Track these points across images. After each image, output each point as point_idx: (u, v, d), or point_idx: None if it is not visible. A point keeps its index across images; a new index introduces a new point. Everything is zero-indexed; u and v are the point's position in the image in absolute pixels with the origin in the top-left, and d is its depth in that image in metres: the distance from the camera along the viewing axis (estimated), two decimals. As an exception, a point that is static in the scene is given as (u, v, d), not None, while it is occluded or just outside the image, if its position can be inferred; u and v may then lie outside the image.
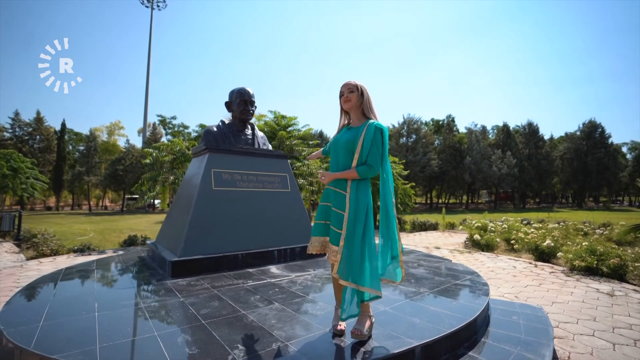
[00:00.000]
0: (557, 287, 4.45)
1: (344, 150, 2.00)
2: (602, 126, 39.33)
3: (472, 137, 38.07)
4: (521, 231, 7.75)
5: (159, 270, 3.71)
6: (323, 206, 2.09)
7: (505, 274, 5.14)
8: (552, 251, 6.11)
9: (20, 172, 14.29)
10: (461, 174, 36.28)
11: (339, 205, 1.96)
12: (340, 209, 1.94)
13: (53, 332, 2.03)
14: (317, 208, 2.16)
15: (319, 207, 2.12)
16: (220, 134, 4.68)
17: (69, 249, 7.34)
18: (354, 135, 1.98)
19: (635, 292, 4.23)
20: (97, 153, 37.29)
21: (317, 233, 2.07)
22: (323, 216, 2.07)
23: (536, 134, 39.68)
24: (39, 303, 2.60)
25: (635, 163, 40.90)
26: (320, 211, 2.09)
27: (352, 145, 1.96)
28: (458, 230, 12.40)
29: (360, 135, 1.95)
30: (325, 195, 2.10)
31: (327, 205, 2.07)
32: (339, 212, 1.94)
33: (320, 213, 2.09)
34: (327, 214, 2.05)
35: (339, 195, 1.98)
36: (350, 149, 1.97)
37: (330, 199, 2.03)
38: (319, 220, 2.08)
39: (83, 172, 35.55)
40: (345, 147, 1.98)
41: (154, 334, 1.99)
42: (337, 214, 1.95)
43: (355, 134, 1.97)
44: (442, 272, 3.72)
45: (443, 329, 2.08)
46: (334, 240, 1.95)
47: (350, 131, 2.03)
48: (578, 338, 2.82)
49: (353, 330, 1.91)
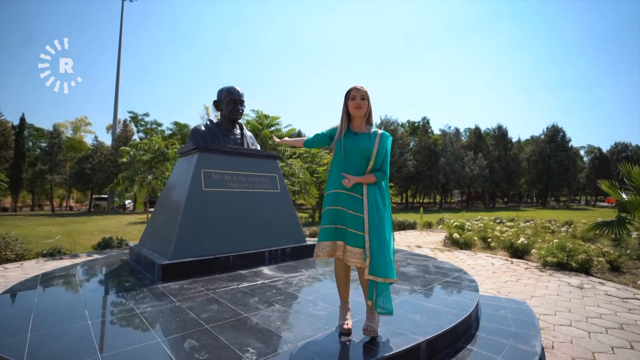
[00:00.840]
0: (534, 281, 4.74)
1: (359, 155, 2.07)
2: (563, 130, 42.14)
3: (446, 139, 39.51)
4: (496, 230, 8.16)
5: (146, 274, 3.58)
6: (332, 210, 2.08)
7: (485, 271, 5.41)
8: (525, 248, 6.50)
9: (-24, 171, 13.13)
10: (436, 174, 37.55)
11: (356, 208, 2.00)
12: (359, 212, 1.98)
13: (45, 343, 1.91)
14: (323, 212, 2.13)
15: (328, 212, 2.09)
16: (209, 133, 4.58)
17: (37, 253, 6.86)
18: (367, 142, 2.08)
19: (601, 285, 4.59)
20: (62, 150, 34.95)
21: (327, 237, 2.06)
22: (333, 220, 2.06)
23: (505, 136, 41.81)
24: (20, 312, 2.43)
25: (591, 165, 44.23)
26: (330, 215, 2.07)
27: (368, 152, 2.07)
28: (436, 229, 12.84)
29: (374, 143, 2.07)
30: (333, 199, 2.08)
31: (337, 209, 2.06)
32: (358, 215, 1.98)
33: (329, 217, 2.07)
34: (338, 218, 2.05)
35: (354, 199, 2.01)
36: (366, 156, 2.07)
37: (343, 203, 2.04)
38: (329, 225, 2.07)
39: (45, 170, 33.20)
40: (361, 153, 2.07)
41: (157, 341, 1.93)
42: (355, 217, 1.98)
43: (368, 141, 2.08)
44: (431, 270, 3.85)
45: (444, 325, 2.17)
46: (355, 243, 1.97)
47: (360, 137, 2.09)
48: (558, 328, 3.03)
49: (366, 327, 1.96)
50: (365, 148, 2.07)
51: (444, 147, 38.93)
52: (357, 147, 2.06)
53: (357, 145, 2.07)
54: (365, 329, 1.96)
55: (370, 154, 2.07)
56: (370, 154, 2.07)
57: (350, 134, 2.12)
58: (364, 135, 2.10)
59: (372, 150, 2.07)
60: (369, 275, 1.94)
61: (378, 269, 1.93)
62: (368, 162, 2.07)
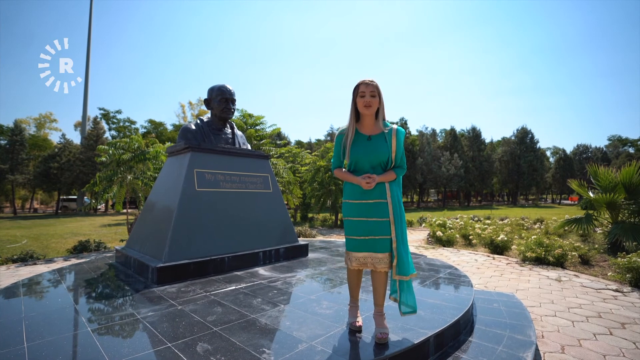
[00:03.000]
0: (516, 276, 5.00)
1: (377, 161, 2.00)
2: (532, 132, 44.57)
3: (424, 140, 40.64)
4: (477, 227, 8.51)
5: (138, 278, 3.45)
6: (357, 222, 1.99)
7: (470, 267, 5.63)
8: (505, 245, 6.83)
9: None
10: (413, 174, 38.52)
11: (381, 214, 1.95)
12: (384, 217, 1.95)
13: (46, 354, 1.81)
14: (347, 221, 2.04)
15: (352, 223, 2.01)
16: (200, 133, 4.47)
17: (7, 258, 6.42)
18: (383, 145, 1.99)
19: (576, 277, 4.92)
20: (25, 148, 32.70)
21: (361, 249, 1.98)
22: (362, 231, 1.97)
23: (479, 137, 43.61)
24: (9, 322, 2.28)
25: (557, 165, 47.06)
26: (356, 226, 1.99)
27: (386, 156, 1.99)
28: (417, 228, 13.19)
29: (391, 141, 2.00)
30: (356, 210, 1.99)
31: (362, 220, 1.97)
32: (384, 220, 1.95)
33: (356, 228, 1.99)
34: (368, 229, 1.96)
35: (378, 205, 1.96)
36: (384, 160, 2.00)
37: (368, 213, 1.96)
38: (359, 236, 1.98)
39: (6, 169, 30.94)
40: (379, 158, 1.99)
41: (167, 345, 1.88)
42: (381, 223, 1.95)
43: (384, 144, 2.00)
44: (423, 267, 3.97)
45: (448, 319, 2.26)
46: (383, 249, 1.95)
47: (375, 142, 2.00)
48: (545, 319, 3.23)
49: (380, 335, 1.91)
50: (383, 152, 1.98)
51: (421, 148, 40.01)
52: (372, 154, 1.97)
53: (373, 151, 1.97)
54: (380, 337, 1.90)
55: (387, 158, 1.99)
56: (388, 158, 1.99)
57: (363, 139, 2.01)
58: (379, 138, 2.00)
59: (390, 153, 1.99)
60: (397, 275, 1.95)
61: (405, 268, 1.94)
62: (387, 166, 2.02)
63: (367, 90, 1.94)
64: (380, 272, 2.02)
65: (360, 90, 1.96)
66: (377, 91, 1.97)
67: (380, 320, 2.03)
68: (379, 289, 2.05)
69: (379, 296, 2.06)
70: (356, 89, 1.99)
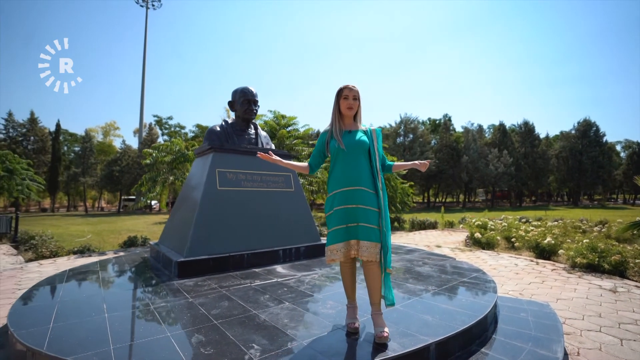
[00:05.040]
0: (560, 283, 4.48)
1: (360, 149, 2.08)
2: (596, 125, 39.69)
3: (469, 136, 38.29)
4: (521, 229, 7.80)
5: (164, 271, 3.69)
6: (342, 210, 2.00)
7: (507, 272, 5.18)
8: (552, 249, 6.16)
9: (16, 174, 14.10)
10: (458, 172, 36.48)
11: (371, 203, 2.00)
12: (374, 207, 2.00)
13: (64, 333, 2.01)
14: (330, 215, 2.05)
15: (337, 212, 2.01)
16: (224, 134, 4.66)
17: (69, 250, 7.27)
18: (363, 136, 2.11)
19: (637, 288, 4.27)
20: (93, 154, 36.92)
21: (338, 239, 1.99)
22: (343, 219, 1.99)
23: (532, 132, 39.97)
24: (46, 305, 2.57)
25: (629, 161, 41.33)
26: (340, 215, 1.99)
27: (367, 144, 2.10)
28: (457, 229, 12.45)
29: (372, 139, 2.13)
30: (342, 198, 2.00)
31: (348, 207, 1.99)
32: (373, 210, 1.99)
33: (339, 218, 2.00)
34: (349, 216, 1.98)
35: (368, 194, 2.01)
36: (366, 149, 2.10)
37: (357, 200, 1.98)
38: (339, 226, 2.00)
39: (79, 173, 35.19)
40: (362, 146, 2.09)
41: (166, 335, 1.98)
42: (370, 211, 1.98)
43: (364, 135, 2.12)
44: (447, 270, 3.73)
45: (456, 326, 2.09)
46: (369, 237, 1.94)
47: (355, 133, 2.10)
48: (585, 334, 2.84)
49: (380, 334, 1.86)
50: (364, 141, 2.09)
51: (466, 145, 37.75)
52: (355, 142, 2.06)
53: (355, 140, 2.07)
54: (380, 336, 1.85)
55: (368, 147, 2.10)
56: (369, 146, 2.10)
57: (345, 133, 2.12)
58: (359, 131, 2.13)
59: (371, 144, 2.10)
60: (388, 269, 1.98)
61: (389, 262, 1.99)
62: (368, 157, 2.10)
63: (350, 94, 2.09)
64: (371, 264, 1.96)
65: (344, 93, 2.10)
66: (358, 96, 2.13)
67: (379, 320, 1.96)
68: (373, 285, 1.99)
69: (374, 293, 1.99)
70: (340, 92, 2.12)
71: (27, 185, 14.52)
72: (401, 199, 13.75)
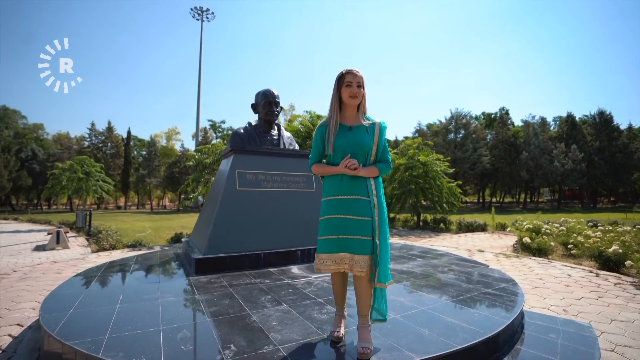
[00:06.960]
0: (622, 301, 3.80)
1: (359, 152, 1.87)
2: (698, 111, 33.17)
3: (530, 131, 34.58)
4: (582, 234, 6.81)
5: (187, 267, 3.92)
6: (332, 219, 1.84)
7: (556, 283, 4.55)
8: (620, 258, 5.27)
9: (92, 176, 16.26)
10: (517, 170, 33.19)
11: (362, 213, 1.80)
12: (366, 216, 1.80)
13: (77, 320, 2.22)
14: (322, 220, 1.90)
15: (327, 221, 1.87)
16: (247, 135, 4.80)
17: (124, 244, 8.13)
18: (365, 136, 1.88)
19: None
20: (157, 157, 41.01)
21: (329, 250, 1.84)
22: (335, 230, 1.83)
23: (609, 124, 34.71)
24: (75, 293, 2.88)
25: None
26: (330, 225, 1.85)
27: (368, 148, 1.87)
28: (509, 232, 11.33)
29: (374, 136, 1.89)
30: (333, 207, 1.85)
31: (338, 217, 1.83)
32: (365, 219, 1.80)
33: (329, 227, 1.85)
34: (340, 227, 1.82)
35: (359, 203, 1.81)
36: (366, 152, 1.88)
37: (346, 210, 1.82)
38: (330, 235, 1.84)
39: (145, 174, 39.39)
40: (361, 149, 1.87)
41: (158, 329, 2.08)
42: (362, 222, 1.80)
43: (366, 135, 1.88)
44: (472, 279, 3.39)
45: (453, 344, 1.87)
46: (362, 250, 1.78)
47: (357, 132, 1.88)
48: (637, 365, 2.36)
49: (362, 350, 1.72)
50: (364, 144, 1.85)
51: (526, 140, 34.17)
52: (354, 144, 1.85)
53: (354, 141, 1.85)
54: (362, 352, 1.70)
55: (369, 150, 1.87)
56: (370, 150, 1.87)
57: (344, 130, 1.89)
58: (361, 129, 1.88)
59: (372, 145, 1.87)
60: (378, 283, 1.78)
61: (384, 276, 1.79)
62: (368, 158, 1.88)
63: (354, 81, 1.84)
64: (361, 277, 1.82)
65: (347, 79, 1.85)
66: (363, 83, 1.87)
67: (364, 334, 1.82)
68: (362, 296, 1.85)
69: (363, 305, 1.85)
70: (341, 78, 1.87)
71: (100, 186, 16.66)
72: (447, 199, 12.94)
